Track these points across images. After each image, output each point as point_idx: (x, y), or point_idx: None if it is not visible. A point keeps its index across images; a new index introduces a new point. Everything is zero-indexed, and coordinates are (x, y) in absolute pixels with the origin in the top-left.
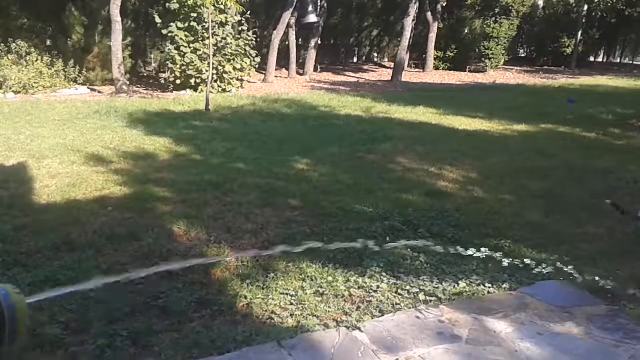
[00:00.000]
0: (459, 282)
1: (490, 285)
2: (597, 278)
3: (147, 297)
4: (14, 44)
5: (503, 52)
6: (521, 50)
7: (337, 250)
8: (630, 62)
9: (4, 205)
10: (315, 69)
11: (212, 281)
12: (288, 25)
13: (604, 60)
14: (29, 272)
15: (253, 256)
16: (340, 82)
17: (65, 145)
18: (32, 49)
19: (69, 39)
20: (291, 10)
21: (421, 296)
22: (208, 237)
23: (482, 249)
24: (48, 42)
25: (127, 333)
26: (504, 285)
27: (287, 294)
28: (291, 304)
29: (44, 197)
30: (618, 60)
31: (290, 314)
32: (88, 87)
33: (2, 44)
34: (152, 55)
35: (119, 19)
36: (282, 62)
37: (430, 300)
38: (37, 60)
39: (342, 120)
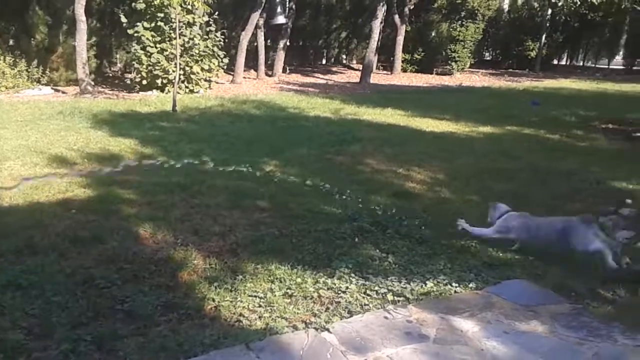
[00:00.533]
0: (427, 282)
1: (457, 285)
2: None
3: (112, 301)
4: None
5: (469, 55)
6: (487, 54)
7: (306, 252)
8: (593, 65)
9: None
10: (284, 71)
11: (179, 284)
12: (257, 27)
13: (568, 63)
14: None
15: (221, 258)
16: (309, 84)
17: (28, 146)
18: None
19: (32, 38)
20: (260, 11)
21: (389, 297)
22: (175, 240)
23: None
24: (11, 42)
25: (92, 338)
26: (470, 285)
27: (255, 296)
28: (260, 306)
29: (6, 199)
30: (581, 64)
31: (259, 317)
32: (52, 88)
33: None
34: (117, 56)
35: (83, 18)
36: (251, 63)
37: (399, 301)
38: None
39: (311, 122)
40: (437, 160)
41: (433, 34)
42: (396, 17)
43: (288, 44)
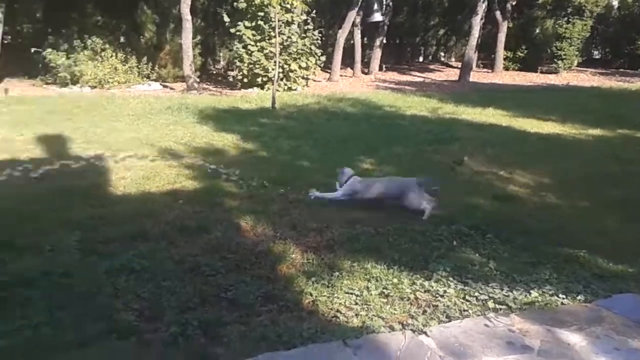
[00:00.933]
0: (531, 291)
1: (564, 296)
2: None
3: (216, 289)
4: (89, 41)
5: (576, 53)
6: (595, 52)
7: (402, 252)
8: None
9: (82, 195)
10: (380, 69)
11: (278, 277)
12: (353, 24)
13: None
14: (106, 261)
15: (318, 254)
16: (406, 82)
17: (139, 139)
18: (107, 46)
19: (141, 36)
20: (357, 9)
21: (490, 304)
22: (274, 234)
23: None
24: (122, 40)
25: (198, 323)
26: (578, 297)
27: (352, 293)
28: (356, 303)
29: (120, 188)
30: None
31: (356, 314)
32: (161, 84)
33: (78, 41)
34: (221, 54)
35: (189, 17)
36: (347, 61)
37: (500, 309)
38: (112, 56)
39: (407, 121)
40: (542, 163)
41: (537, 31)
42: (497, 13)
43: (385, 41)
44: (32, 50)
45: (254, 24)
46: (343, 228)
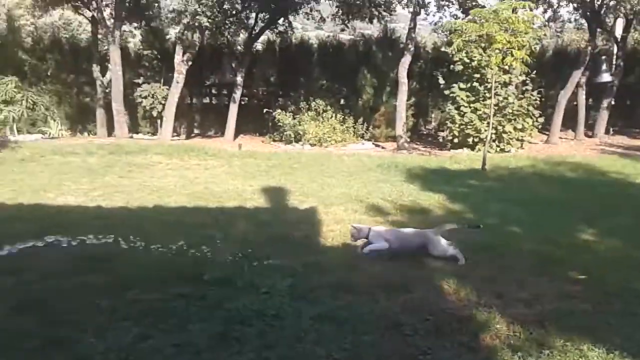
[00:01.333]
0: None
1: None
2: None
3: (414, 349)
4: (313, 103)
5: None
6: None
7: (624, 337)
8: None
9: (296, 244)
10: (607, 132)
11: (480, 346)
12: (578, 85)
13: None
14: (313, 307)
15: (526, 327)
16: (636, 147)
17: (349, 195)
18: (329, 107)
19: (359, 98)
20: (582, 69)
21: None
22: (478, 300)
23: None
24: (342, 102)
25: None
26: None
27: None
28: None
29: (329, 240)
30: None
31: None
32: (373, 143)
33: (304, 102)
34: (432, 115)
35: (405, 80)
36: (568, 123)
37: None
38: (331, 117)
39: (637, 189)
40: None
41: None
42: None
43: (613, 103)
44: (264, 110)
45: (468, 85)
46: (555, 302)
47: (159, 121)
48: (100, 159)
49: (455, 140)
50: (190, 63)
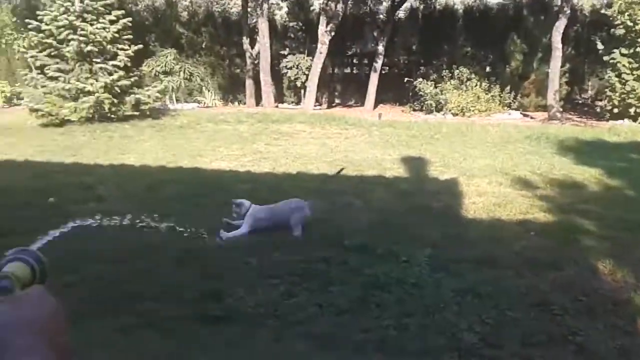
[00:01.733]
0: None
1: None
2: None
3: (563, 330)
4: (457, 71)
5: None
6: None
7: None
8: None
9: (436, 215)
10: None
11: (638, 331)
12: None
13: None
14: (454, 280)
15: None
16: None
17: (494, 166)
18: (473, 76)
19: (507, 66)
20: None
21: None
22: (637, 283)
23: None
24: (487, 69)
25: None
26: None
27: None
28: None
29: (471, 212)
30: None
31: None
32: (521, 113)
33: (446, 71)
34: (589, 83)
35: (559, 46)
36: None
37: None
38: (476, 85)
39: None
40: None
41: None
42: None
43: None
44: (405, 80)
45: (631, 51)
46: None
47: (302, 91)
48: (250, 127)
49: (615, 110)
50: (333, 33)
